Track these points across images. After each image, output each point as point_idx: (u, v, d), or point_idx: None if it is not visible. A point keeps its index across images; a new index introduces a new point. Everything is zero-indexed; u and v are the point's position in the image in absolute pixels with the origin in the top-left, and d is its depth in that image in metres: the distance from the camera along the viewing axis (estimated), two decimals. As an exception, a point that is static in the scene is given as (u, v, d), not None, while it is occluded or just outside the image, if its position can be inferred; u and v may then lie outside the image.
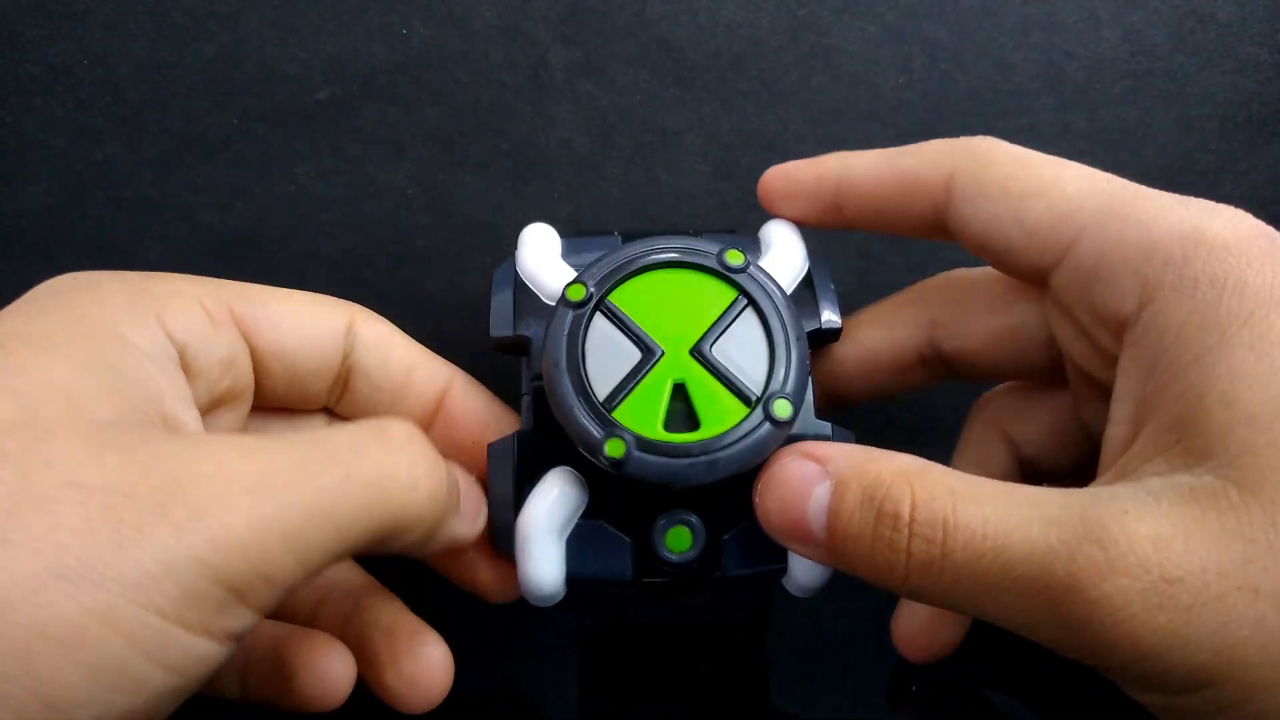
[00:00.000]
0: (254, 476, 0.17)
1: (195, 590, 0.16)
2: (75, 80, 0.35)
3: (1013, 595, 0.17)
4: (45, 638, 0.14)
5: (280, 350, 0.23)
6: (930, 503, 0.18)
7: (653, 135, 0.36)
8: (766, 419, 0.21)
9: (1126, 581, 0.15)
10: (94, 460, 0.16)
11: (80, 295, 0.20)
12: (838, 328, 0.25)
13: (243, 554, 0.16)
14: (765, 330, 0.22)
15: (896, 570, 0.18)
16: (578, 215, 0.37)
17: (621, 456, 0.21)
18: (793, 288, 0.24)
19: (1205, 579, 0.15)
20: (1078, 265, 0.20)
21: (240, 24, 0.35)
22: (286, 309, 0.23)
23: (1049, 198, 0.21)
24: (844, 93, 0.35)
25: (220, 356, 0.22)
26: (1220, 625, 0.15)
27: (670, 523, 0.23)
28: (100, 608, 0.15)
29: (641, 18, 0.35)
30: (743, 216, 0.37)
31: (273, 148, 0.36)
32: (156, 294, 0.21)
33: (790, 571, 0.23)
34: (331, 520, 0.17)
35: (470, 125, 0.36)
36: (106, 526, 0.15)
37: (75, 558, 0.15)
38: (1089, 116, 0.35)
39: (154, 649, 0.15)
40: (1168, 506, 0.16)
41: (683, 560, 0.22)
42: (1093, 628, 0.16)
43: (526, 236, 0.26)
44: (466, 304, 0.38)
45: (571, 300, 0.23)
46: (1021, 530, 0.17)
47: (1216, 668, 0.15)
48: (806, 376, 0.22)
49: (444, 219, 0.37)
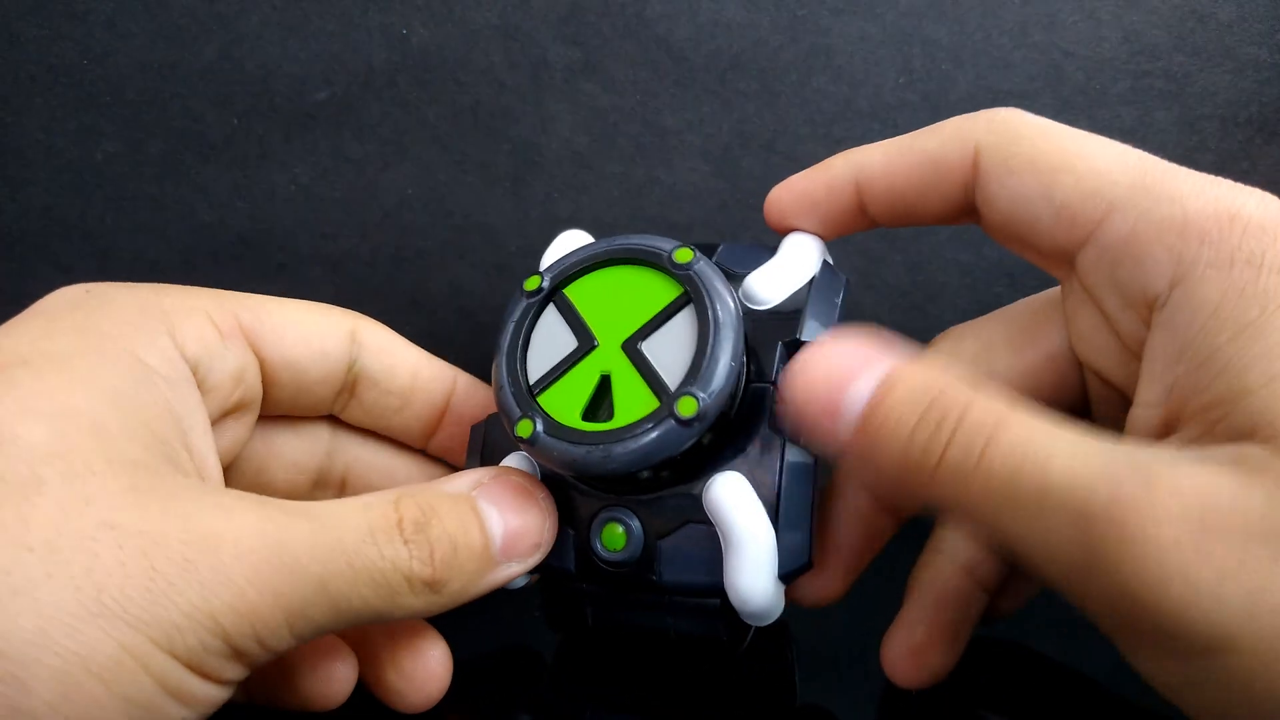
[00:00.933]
0: (271, 549, 0.18)
1: (208, 645, 0.17)
2: (75, 80, 0.35)
3: (1043, 518, 0.16)
4: (86, 671, 0.15)
5: (288, 360, 0.23)
6: (981, 411, 0.17)
7: (653, 135, 0.36)
8: (669, 415, 0.21)
9: (1169, 526, 0.15)
10: (129, 504, 0.17)
11: (94, 313, 0.20)
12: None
13: (250, 622, 0.17)
14: (698, 328, 0.22)
15: (923, 470, 0.17)
16: (578, 215, 0.37)
17: (528, 436, 0.22)
18: (783, 298, 0.24)
19: (1248, 542, 0.15)
20: (1107, 243, 0.20)
21: (240, 24, 0.35)
22: (292, 318, 0.24)
23: (1078, 172, 0.20)
24: (844, 93, 0.35)
25: (231, 371, 0.22)
26: (1256, 588, 0.15)
27: (607, 520, 0.23)
28: (135, 648, 0.16)
29: (641, 18, 0.35)
30: (742, 217, 0.37)
31: (273, 148, 0.36)
32: (167, 309, 0.21)
33: (730, 585, 0.22)
34: (333, 604, 0.18)
35: (470, 125, 0.36)
36: (140, 573, 0.16)
37: (112, 598, 0.16)
38: (1089, 116, 0.35)
39: (175, 690, 0.17)
40: (1215, 467, 0.16)
41: (616, 559, 0.23)
42: (1124, 566, 0.15)
43: (556, 240, 0.26)
44: (466, 304, 0.38)
45: (526, 290, 0.24)
46: (1067, 455, 0.16)
47: (1242, 633, 0.15)
48: (733, 378, 0.21)
49: (444, 219, 0.37)
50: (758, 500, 0.22)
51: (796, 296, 0.24)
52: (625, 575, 0.23)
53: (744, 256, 0.25)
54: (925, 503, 0.18)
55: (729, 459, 0.22)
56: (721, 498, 0.22)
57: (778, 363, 0.23)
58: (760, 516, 0.22)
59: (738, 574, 0.22)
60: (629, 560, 0.23)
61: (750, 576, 0.21)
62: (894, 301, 0.38)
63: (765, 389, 0.23)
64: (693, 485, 0.22)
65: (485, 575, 0.21)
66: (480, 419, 0.26)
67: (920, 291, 0.38)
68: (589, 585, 0.24)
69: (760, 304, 0.24)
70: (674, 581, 0.23)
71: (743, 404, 0.22)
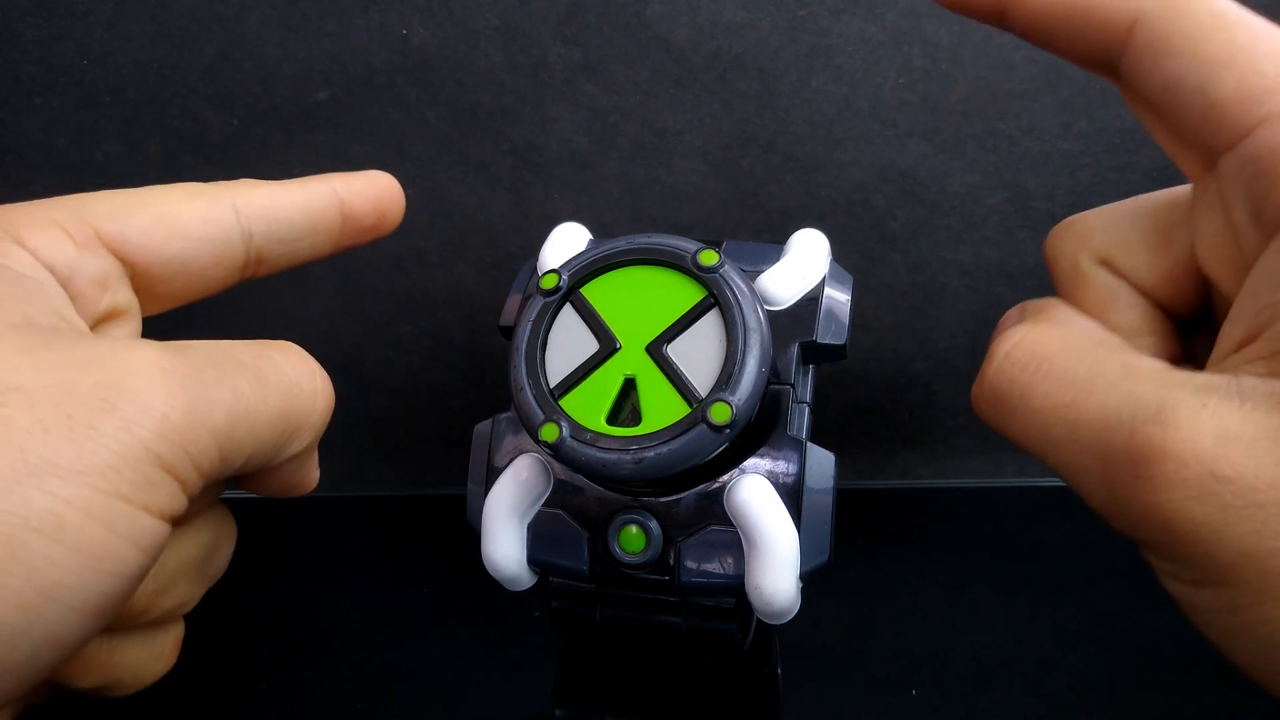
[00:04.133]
0: (183, 372, 0.18)
1: (149, 477, 0.17)
2: (75, 80, 0.35)
3: (1073, 453, 0.17)
4: (29, 529, 0.15)
5: (165, 259, 0.23)
6: (1029, 345, 0.19)
7: (653, 135, 0.36)
8: (702, 421, 0.21)
9: (1174, 466, 0.16)
10: (29, 362, 0.17)
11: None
12: (833, 344, 0.24)
13: (179, 444, 0.17)
14: (726, 333, 0.22)
15: (980, 403, 0.19)
16: (578, 215, 0.37)
17: (554, 442, 0.21)
18: (797, 298, 0.24)
19: (1255, 485, 0.15)
20: (1251, 153, 0.18)
21: (240, 24, 0.35)
22: (161, 214, 0.23)
23: (1240, 69, 0.18)
24: (844, 93, 0.35)
25: (91, 277, 0.21)
26: (1253, 530, 0.15)
27: (626, 522, 0.23)
28: (75, 498, 0.16)
29: (641, 18, 0.35)
30: (742, 217, 0.37)
31: (273, 148, 0.36)
32: (14, 221, 0.21)
33: (754, 586, 0.22)
34: (248, 418, 0.19)
35: (470, 125, 0.36)
36: (59, 425, 0.16)
37: (37, 456, 0.16)
38: (1089, 116, 0.35)
39: (127, 532, 0.16)
40: (1249, 409, 0.16)
41: (635, 561, 0.23)
42: (1136, 500, 0.16)
43: (553, 233, 0.26)
44: (466, 304, 0.38)
45: (544, 289, 0.23)
46: (1100, 396, 0.17)
47: (1237, 567, 0.15)
48: (761, 384, 0.21)
49: (444, 219, 0.37)
50: (781, 503, 0.22)
51: (809, 295, 0.24)
52: (642, 577, 0.23)
53: (750, 254, 0.25)
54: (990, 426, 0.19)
55: (748, 460, 0.23)
56: (746, 501, 0.22)
57: (795, 364, 0.23)
58: (784, 519, 0.22)
59: (761, 576, 0.22)
60: (648, 562, 0.23)
61: (774, 578, 0.22)
62: (894, 301, 0.38)
63: (784, 390, 0.23)
64: (711, 487, 0.22)
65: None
66: (368, 212, 0.25)
67: (920, 291, 0.38)
68: (601, 586, 0.24)
69: (774, 304, 0.24)
70: (693, 583, 0.23)
71: (761, 405, 0.22)
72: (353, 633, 0.32)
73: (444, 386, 0.39)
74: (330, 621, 0.32)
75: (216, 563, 0.23)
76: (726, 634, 0.24)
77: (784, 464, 0.22)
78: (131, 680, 0.21)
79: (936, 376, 0.39)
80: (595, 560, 0.23)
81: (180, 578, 0.22)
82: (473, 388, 0.39)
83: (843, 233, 0.37)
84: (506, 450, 0.24)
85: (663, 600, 0.24)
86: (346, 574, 0.35)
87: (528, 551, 0.23)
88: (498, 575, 0.24)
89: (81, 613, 0.16)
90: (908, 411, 0.39)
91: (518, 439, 0.24)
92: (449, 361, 0.39)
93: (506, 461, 0.24)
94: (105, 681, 0.21)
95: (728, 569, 0.22)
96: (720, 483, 0.22)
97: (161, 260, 0.23)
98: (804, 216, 0.37)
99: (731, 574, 0.22)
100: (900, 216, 0.37)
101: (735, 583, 0.22)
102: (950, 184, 0.36)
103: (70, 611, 0.16)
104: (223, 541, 0.23)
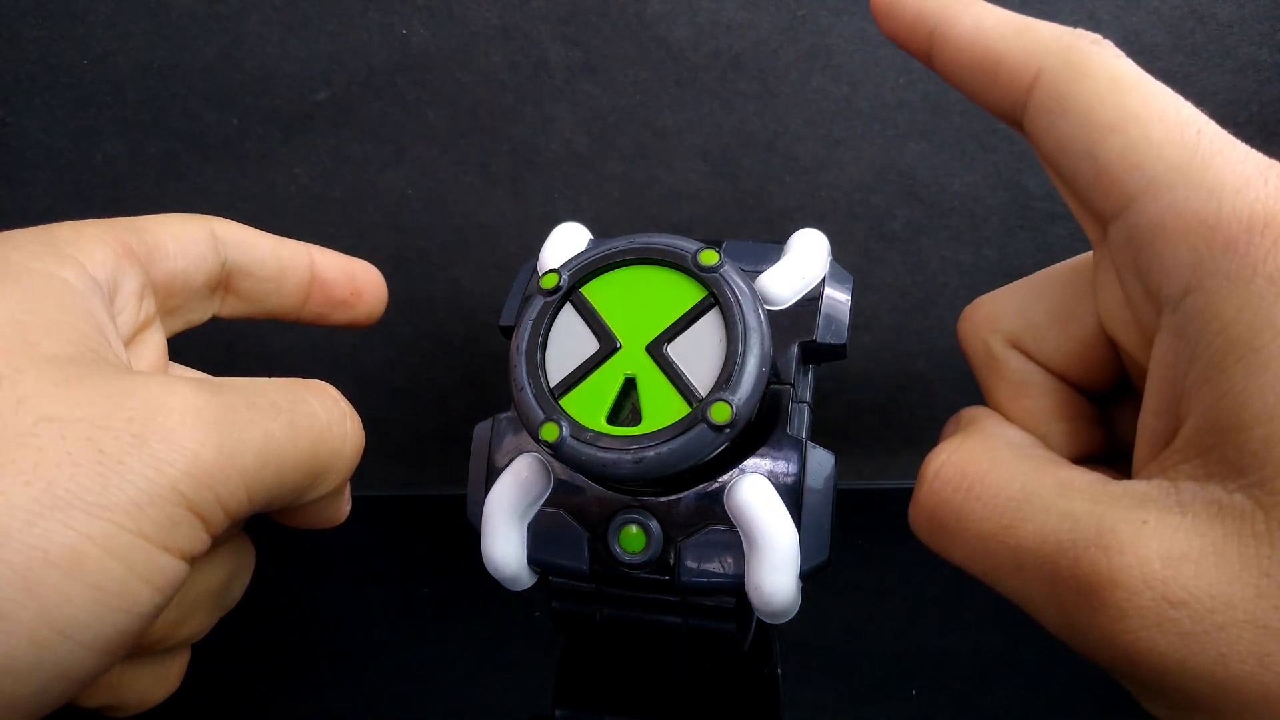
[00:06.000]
0: (215, 412, 0.18)
1: (173, 516, 0.17)
2: (75, 80, 0.35)
3: (1021, 581, 0.17)
4: (48, 564, 0.15)
5: (174, 273, 0.24)
6: (957, 463, 0.18)
7: (653, 135, 0.36)
8: (703, 421, 0.21)
9: (1124, 595, 0.15)
10: (64, 394, 0.17)
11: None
12: (832, 344, 0.24)
13: (208, 484, 0.17)
14: (726, 332, 0.22)
15: (917, 526, 0.18)
16: (578, 215, 0.37)
17: (554, 441, 0.21)
18: (797, 298, 0.24)
19: (1211, 606, 0.14)
20: (1135, 224, 0.18)
21: (240, 24, 0.35)
22: (168, 232, 0.24)
23: (1128, 134, 0.18)
24: (844, 93, 0.35)
25: (133, 290, 0.22)
26: (1220, 656, 0.14)
27: (626, 522, 0.23)
28: (96, 534, 0.16)
29: (641, 18, 0.35)
30: (742, 217, 0.37)
31: (273, 148, 0.36)
32: (69, 238, 0.21)
33: (754, 585, 0.22)
34: (277, 462, 0.19)
35: (470, 125, 0.36)
36: (88, 459, 0.16)
37: (64, 489, 0.16)
38: (1089, 117, 0.35)
39: (145, 571, 0.16)
40: (1191, 522, 0.15)
41: (635, 561, 0.23)
42: (1093, 631, 0.15)
43: (553, 233, 0.26)
44: (466, 304, 0.38)
45: (544, 288, 0.23)
46: (1037, 518, 0.16)
47: (1212, 698, 0.15)
48: (761, 384, 0.21)
49: (444, 219, 0.37)
50: (781, 503, 0.22)
51: (809, 295, 0.24)
52: (642, 576, 0.23)
53: (750, 254, 0.25)
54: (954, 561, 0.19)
55: (748, 460, 0.23)
56: (747, 501, 0.22)
57: (795, 364, 0.23)
58: (784, 519, 0.22)
59: (762, 575, 0.22)
60: (648, 562, 0.23)
61: (774, 577, 0.22)
62: (894, 302, 0.38)
63: (784, 390, 0.23)
64: (711, 486, 0.22)
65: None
66: (344, 276, 0.26)
67: (920, 291, 0.38)
68: (601, 586, 0.24)
69: (774, 304, 0.24)
70: (693, 582, 0.23)
71: (761, 405, 0.22)
72: (352, 632, 0.32)
73: (444, 386, 0.39)
74: (330, 621, 0.32)
75: (233, 592, 0.23)
76: (727, 634, 0.24)
77: (784, 464, 0.22)
78: (136, 703, 0.21)
79: (936, 376, 0.39)
80: (595, 560, 0.23)
81: (200, 607, 0.22)
82: (473, 388, 0.39)
83: (843, 233, 0.37)
84: (506, 450, 0.24)
85: (663, 600, 0.24)
86: (346, 574, 0.35)
87: (528, 551, 0.24)
88: (498, 575, 0.24)
89: (93, 649, 0.16)
90: (908, 411, 0.39)
91: (518, 439, 0.24)
92: (449, 361, 0.39)
93: (506, 461, 0.24)
94: (111, 703, 0.21)
95: (728, 569, 0.22)
96: (720, 482, 0.22)
97: (172, 273, 0.23)
98: (804, 216, 0.37)
99: (731, 574, 0.22)
100: (900, 216, 0.37)
101: (735, 582, 0.22)
102: (950, 184, 0.36)
103: (82, 648, 0.16)
104: (241, 570, 0.23)
